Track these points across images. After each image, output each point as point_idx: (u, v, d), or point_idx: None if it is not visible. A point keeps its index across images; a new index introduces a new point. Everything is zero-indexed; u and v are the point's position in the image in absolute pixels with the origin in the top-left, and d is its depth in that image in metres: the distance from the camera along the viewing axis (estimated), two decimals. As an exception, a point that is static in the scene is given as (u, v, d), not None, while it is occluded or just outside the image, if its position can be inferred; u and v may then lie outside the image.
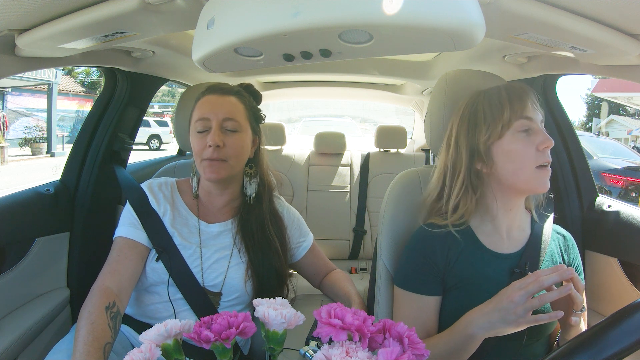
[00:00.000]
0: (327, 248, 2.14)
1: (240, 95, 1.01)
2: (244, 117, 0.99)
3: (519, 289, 0.68)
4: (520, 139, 0.78)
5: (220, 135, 0.94)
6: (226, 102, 0.97)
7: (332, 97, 3.31)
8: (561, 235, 0.89)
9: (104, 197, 1.35)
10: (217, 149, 0.93)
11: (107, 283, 0.88)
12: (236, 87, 1.03)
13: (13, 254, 1.10)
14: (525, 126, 0.78)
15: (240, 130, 0.97)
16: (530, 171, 0.78)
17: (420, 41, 0.62)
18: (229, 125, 0.95)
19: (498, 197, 0.83)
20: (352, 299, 0.99)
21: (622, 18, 0.72)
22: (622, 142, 13.40)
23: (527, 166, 0.78)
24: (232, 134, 0.96)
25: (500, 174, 0.80)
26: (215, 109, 0.96)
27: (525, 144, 0.78)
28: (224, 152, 0.94)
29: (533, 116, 0.78)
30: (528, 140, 0.78)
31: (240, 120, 0.97)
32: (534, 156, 0.77)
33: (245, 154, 1.00)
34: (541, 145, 0.77)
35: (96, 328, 0.79)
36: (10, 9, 0.74)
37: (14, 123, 13.27)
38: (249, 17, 0.59)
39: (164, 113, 21.93)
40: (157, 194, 1.01)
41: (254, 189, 1.03)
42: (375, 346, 0.49)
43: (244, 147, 0.98)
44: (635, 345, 0.42)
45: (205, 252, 0.98)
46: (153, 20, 0.82)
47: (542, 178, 0.77)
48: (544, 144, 0.76)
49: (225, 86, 1.02)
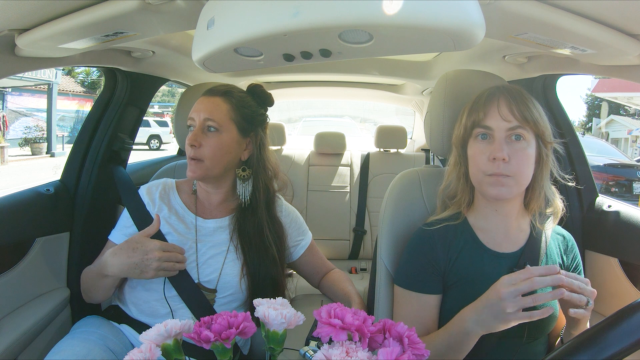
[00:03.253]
0: (327, 248, 2.14)
1: (228, 95, 1.00)
2: (226, 118, 0.98)
3: (507, 284, 0.67)
4: (477, 146, 0.81)
5: (199, 135, 0.96)
6: (210, 103, 0.99)
7: (332, 97, 3.31)
8: (561, 236, 0.90)
9: (104, 197, 1.34)
10: (193, 148, 0.95)
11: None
12: (227, 88, 1.03)
13: (13, 254, 1.10)
14: (480, 134, 0.80)
15: (220, 130, 0.97)
16: (480, 177, 0.80)
17: (420, 41, 0.62)
18: (209, 125, 0.97)
19: (481, 196, 0.86)
20: (351, 299, 0.99)
21: (622, 18, 0.72)
22: (621, 142, 13.39)
23: (479, 172, 0.80)
24: (211, 133, 0.97)
25: (469, 174, 0.85)
26: (199, 109, 0.98)
27: (479, 151, 0.80)
28: (200, 152, 0.96)
29: (492, 125, 0.78)
30: (484, 148, 0.79)
31: (219, 121, 0.97)
32: (485, 164, 0.78)
33: (226, 155, 0.98)
34: (490, 156, 0.77)
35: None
36: (10, 9, 0.74)
37: (14, 123, 13.27)
38: (249, 17, 0.59)
39: (164, 113, 21.93)
40: (154, 193, 1.04)
41: (247, 192, 1.02)
42: (375, 346, 0.49)
43: (222, 147, 0.97)
44: (635, 345, 0.42)
45: (200, 247, 0.99)
46: (153, 20, 0.82)
47: (491, 186, 0.78)
48: (492, 154, 0.77)
49: (217, 87, 1.03)
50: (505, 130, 0.78)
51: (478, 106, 0.81)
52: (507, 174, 0.77)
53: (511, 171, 0.77)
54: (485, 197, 0.83)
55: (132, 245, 0.89)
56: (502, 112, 0.78)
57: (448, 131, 0.94)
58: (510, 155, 0.76)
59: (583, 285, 0.70)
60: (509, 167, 0.77)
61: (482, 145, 0.80)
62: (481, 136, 0.80)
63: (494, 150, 0.77)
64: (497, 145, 0.77)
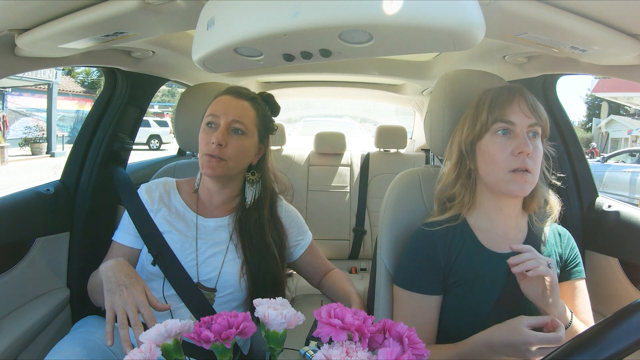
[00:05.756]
0: (327, 248, 2.14)
1: (255, 101, 1.03)
2: (253, 123, 1.00)
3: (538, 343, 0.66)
4: (497, 142, 0.80)
5: (226, 135, 0.96)
6: (239, 105, 1.00)
7: (332, 97, 3.31)
8: (557, 233, 0.90)
9: (104, 197, 1.34)
10: (219, 147, 0.95)
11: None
12: (252, 94, 1.05)
13: (13, 254, 1.10)
14: (502, 128, 0.79)
15: (246, 134, 0.99)
16: (502, 174, 0.79)
17: (420, 41, 0.62)
18: (236, 127, 0.97)
19: (487, 195, 0.85)
20: (351, 299, 0.99)
21: (622, 18, 0.72)
22: (621, 142, 13.42)
23: (498, 168, 0.79)
24: (238, 136, 0.98)
25: (480, 173, 0.83)
26: (227, 109, 0.98)
27: (501, 147, 0.79)
28: (224, 152, 0.96)
29: (515, 120, 0.78)
30: (505, 144, 0.79)
31: (247, 125, 0.99)
32: (507, 160, 0.78)
33: (247, 158, 1.01)
34: (515, 150, 0.77)
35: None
36: (10, 9, 0.74)
37: (14, 123, 13.27)
38: (249, 17, 0.59)
39: (164, 113, 21.91)
40: (154, 192, 1.04)
41: (253, 195, 1.05)
42: (375, 346, 0.49)
43: (245, 151, 1.00)
44: (635, 345, 0.42)
45: (200, 245, 0.99)
46: (153, 20, 0.82)
47: (514, 182, 0.78)
48: (518, 149, 0.77)
49: (243, 90, 1.05)
50: (526, 127, 0.79)
51: (500, 101, 0.80)
52: (530, 169, 0.77)
53: (531, 167, 0.78)
54: (504, 194, 0.81)
55: (131, 273, 0.84)
56: (523, 109, 0.79)
57: (448, 131, 0.94)
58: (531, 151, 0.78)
59: (536, 253, 0.72)
60: (530, 162, 0.77)
61: (503, 140, 0.79)
62: (502, 131, 0.80)
63: (521, 145, 0.77)
64: (522, 140, 0.77)
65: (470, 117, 0.84)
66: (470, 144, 0.84)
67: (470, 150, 0.84)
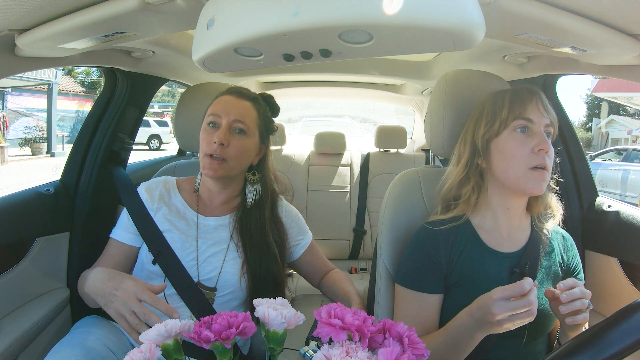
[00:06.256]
0: (327, 248, 2.14)
1: (256, 102, 1.03)
2: (254, 123, 1.01)
3: (500, 298, 0.65)
4: (516, 139, 0.79)
5: (227, 135, 0.96)
6: (240, 105, 1.00)
7: (332, 97, 3.31)
8: (560, 235, 0.90)
9: (104, 197, 1.34)
10: (221, 146, 0.95)
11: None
12: (254, 94, 1.05)
13: (13, 254, 1.10)
14: (521, 126, 0.79)
15: (248, 134, 0.99)
16: (521, 171, 0.78)
17: (420, 41, 0.62)
18: (238, 127, 0.98)
19: (496, 194, 0.84)
20: (352, 299, 0.99)
21: (622, 18, 0.72)
22: (621, 142, 13.41)
23: (518, 166, 0.78)
24: (239, 136, 0.98)
25: (495, 170, 0.82)
26: (229, 109, 0.98)
27: (520, 144, 0.79)
28: (226, 151, 0.96)
29: (534, 118, 0.79)
30: (524, 141, 0.79)
31: (249, 125, 0.99)
32: (527, 157, 0.78)
33: (248, 159, 1.02)
34: (536, 148, 0.77)
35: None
36: (10, 9, 0.74)
37: (14, 123, 13.26)
38: (249, 17, 0.59)
39: (164, 113, 21.91)
40: (154, 191, 1.04)
41: (254, 195, 1.05)
42: (375, 346, 0.49)
43: (247, 151, 1.00)
44: (635, 345, 0.42)
45: (201, 244, 0.99)
46: (153, 20, 0.82)
47: (533, 180, 0.78)
48: (538, 146, 0.77)
49: (244, 91, 1.05)
50: (544, 126, 0.80)
51: (521, 99, 0.80)
52: (547, 167, 0.78)
53: (549, 165, 0.78)
54: (522, 191, 0.80)
55: (114, 275, 0.84)
56: (540, 108, 0.79)
57: (448, 131, 0.94)
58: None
59: (583, 290, 0.70)
60: (549, 160, 0.78)
61: (522, 137, 0.79)
62: (520, 129, 0.80)
63: (541, 142, 0.77)
64: (542, 137, 0.78)
65: (487, 114, 0.83)
66: (486, 141, 0.84)
67: (485, 148, 0.84)
